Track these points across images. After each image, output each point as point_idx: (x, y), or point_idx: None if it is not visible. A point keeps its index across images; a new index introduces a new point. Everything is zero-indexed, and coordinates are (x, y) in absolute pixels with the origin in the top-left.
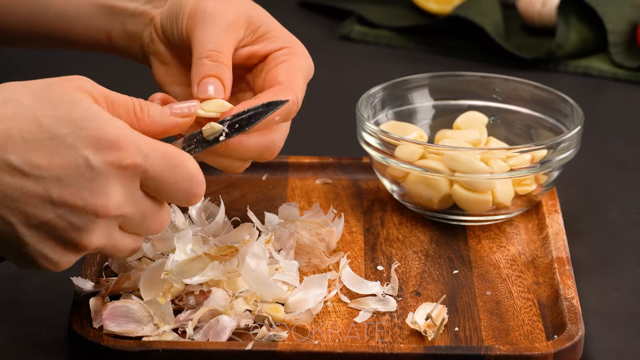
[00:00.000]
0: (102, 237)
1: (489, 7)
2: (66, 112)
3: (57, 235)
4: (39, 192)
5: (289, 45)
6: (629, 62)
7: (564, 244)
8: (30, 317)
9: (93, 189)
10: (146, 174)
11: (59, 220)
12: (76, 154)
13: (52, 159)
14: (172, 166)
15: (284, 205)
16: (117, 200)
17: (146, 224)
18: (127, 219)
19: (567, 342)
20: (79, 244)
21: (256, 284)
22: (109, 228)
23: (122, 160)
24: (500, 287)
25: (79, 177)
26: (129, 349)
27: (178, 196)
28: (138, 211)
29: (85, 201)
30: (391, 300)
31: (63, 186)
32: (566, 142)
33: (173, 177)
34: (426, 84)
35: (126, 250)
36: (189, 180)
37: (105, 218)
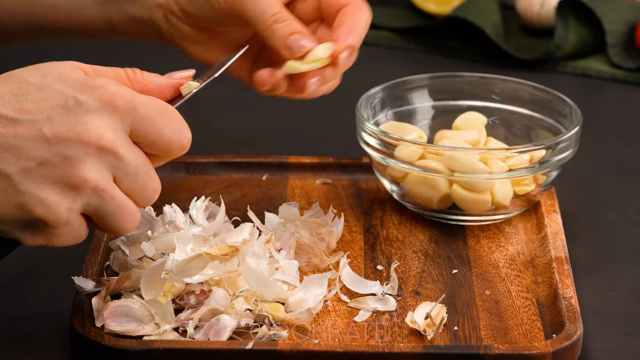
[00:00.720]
0: (98, 172)
1: (488, 8)
2: (53, 70)
3: (53, 175)
4: (32, 134)
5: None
6: (627, 62)
7: (562, 243)
8: (31, 316)
9: (83, 121)
10: (135, 111)
11: (54, 157)
12: (64, 95)
13: (40, 103)
14: (159, 106)
15: (284, 205)
16: (109, 133)
17: (141, 179)
18: (121, 164)
19: (566, 342)
20: (76, 179)
21: (256, 284)
22: (104, 167)
23: (110, 94)
24: (499, 287)
25: (69, 113)
26: (130, 348)
27: (171, 138)
28: (130, 156)
29: (77, 132)
30: (391, 300)
31: (55, 124)
32: (565, 142)
33: (161, 117)
34: (426, 84)
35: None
36: (177, 120)
37: (98, 150)
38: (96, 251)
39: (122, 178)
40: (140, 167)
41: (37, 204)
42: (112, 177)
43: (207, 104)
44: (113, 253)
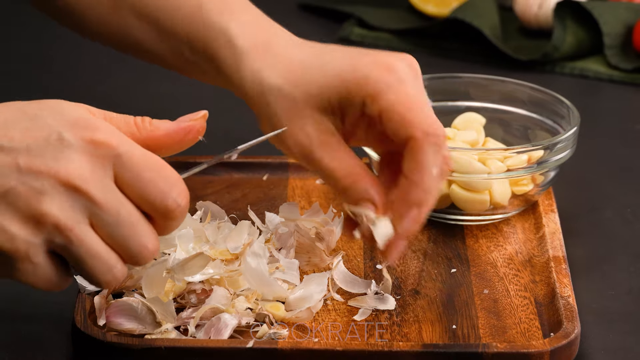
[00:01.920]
0: (63, 210)
1: (487, 9)
2: (53, 106)
3: (15, 205)
4: (7, 162)
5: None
6: (624, 64)
7: (560, 243)
8: (34, 315)
9: (60, 157)
10: (120, 161)
11: (21, 186)
12: (51, 129)
13: (26, 132)
14: (150, 162)
15: (285, 205)
16: (82, 171)
17: (122, 230)
18: (96, 210)
19: (564, 340)
20: (35, 210)
21: (257, 283)
22: (74, 207)
23: (95, 136)
24: (497, 286)
25: (48, 147)
26: (131, 347)
27: (155, 198)
28: (110, 203)
29: (49, 167)
30: (390, 299)
31: (31, 155)
32: (562, 142)
33: (151, 173)
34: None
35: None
36: (168, 181)
37: (68, 188)
38: None
39: (99, 224)
40: (123, 217)
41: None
42: (85, 220)
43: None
44: None
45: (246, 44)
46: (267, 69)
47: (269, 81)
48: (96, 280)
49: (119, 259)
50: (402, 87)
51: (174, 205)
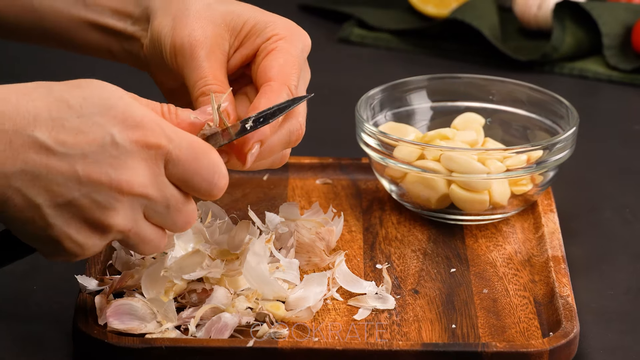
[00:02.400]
0: (126, 218)
1: (486, 10)
2: (95, 94)
3: (82, 215)
4: (64, 170)
5: (274, 32)
6: (623, 64)
7: (559, 242)
8: (35, 314)
9: (117, 165)
10: (170, 157)
11: (84, 199)
12: (102, 131)
13: (78, 136)
14: (195, 153)
15: (285, 205)
16: (141, 178)
17: (171, 216)
18: (151, 204)
19: (563, 339)
20: (103, 223)
21: (257, 282)
22: (134, 210)
23: (147, 139)
24: (496, 285)
25: (104, 154)
26: (132, 346)
27: (201, 186)
28: (162, 197)
29: (110, 177)
30: (390, 298)
31: (88, 163)
32: (561, 143)
33: (196, 165)
34: (424, 85)
35: (149, 243)
36: (212, 169)
37: (129, 196)
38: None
39: (151, 214)
40: (171, 205)
41: (65, 238)
42: (141, 215)
43: None
44: (116, 252)
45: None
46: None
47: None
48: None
49: (164, 233)
50: (292, 46)
51: (216, 191)
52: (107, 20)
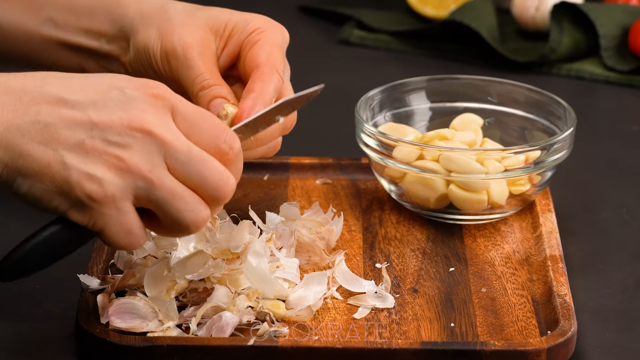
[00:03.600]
0: (142, 157)
1: (484, 12)
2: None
3: (99, 157)
4: (77, 116)
5: (255, 27)
6: (620, 65)
7: (557, 242)
8: (38, 313)
9: (126, 107)
10: (177, 110)
11: (99, 142)
12: (109, 85)
13: (85, 88)
14: (200, 111)
15: (285, 205)
16: (152, 117)
17: (196, 168)
18: (169, 151)
19: (560, 338)
20: (120, 160)
21: (258, 281)
22: (150, 152)
23: (153, 90)
24: (495, 284)
25: (113, 100)
26: (134, 345)
27: (209, 142)
28: (178, 143)
29: (120, 117)
30: (389, 297)
31: (98, 107)
32: (559, 143)
33: (203, 121)
34: (423, 86)
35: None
36: (219, 127)
37: (142, 134)
38: (101, 249)
39: (175, 165)
40: (194, 154)
41: (83, 178)
42: (162, 164)
43: None
44: (118, 251)
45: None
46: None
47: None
48: (184, 223)
49: (200, 200)
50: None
51: (226, 148)
52: (79, 39)
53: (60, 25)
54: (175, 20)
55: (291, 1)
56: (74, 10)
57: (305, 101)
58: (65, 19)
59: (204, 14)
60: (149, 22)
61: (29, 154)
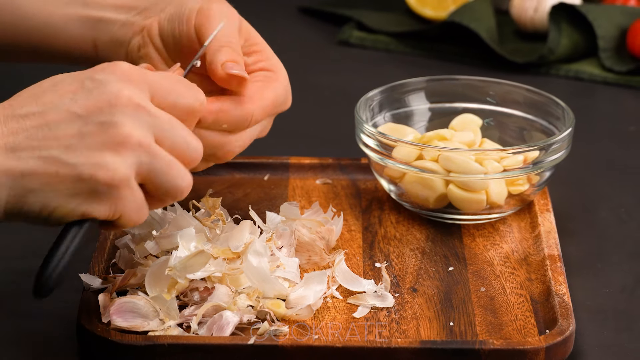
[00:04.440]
0: (136, 128)
1: (483, 13)
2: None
3: (97, 142)
4: (62, 116)
5: (273, 69)
6: (618, 66)
7: (555, 241)
8: (40, 312)
9: (106, 90)
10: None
11: (91, 127)
12: (79, 79)
13: (59, 93)
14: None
15: (285, 205)
16: (134, 93)
17: (179, 135)
18: (156, 122)
19: (559, 337)
20: (118, 137)
21: (258, 281)
22: (141, 122)
23: (123, 70)
24: (494, 284)
25: (90, 89)
26: (135, 343)
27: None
28: (160, 113)
29: (105, 100)
30: (388, 297)
31: (80, 101)
32: (558, 143)
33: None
34: (422, 87)
35: (175, 167)
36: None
37: (129, 107)
38: (102, 249)
39: (161, 136)
40: (174, 122)
41: (95, 169)
42: (152, 136)
43: None
44: (119, 251)
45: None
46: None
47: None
48: (177, 190)
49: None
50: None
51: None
52: (106, 14)
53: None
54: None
55: (291, 2)
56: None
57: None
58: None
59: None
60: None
61: (32, 171)
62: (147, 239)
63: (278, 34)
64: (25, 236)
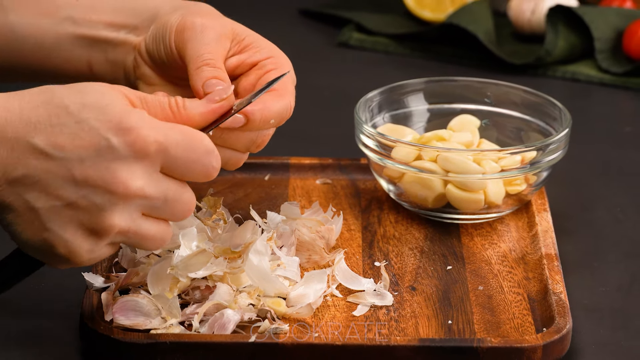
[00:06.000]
0: (123, 218)
1: (481, 15)
2: (94, 100)
3: (78, 218)
4: (62, 173)
5: (273, 55)
6: (614, 67)
7: (552, 241)
8: (43, 311)
9: (114, 169)
10: (167, 153)
11: (82, 200)
12: (98, 136)
13: (74, 141)
14: (191, 142)
15: (286, 204)
16: (138, 180)
17: (170, 207)
18: (149, 202)
19: (556, 335)
20: (101, 225)
21: (259, 279)
22: (131, 210)
23: (143, 140)
24: (491, 282)
25: (100, 157)
26: (137, 341)
27: (198, 171)
28: (159, 192)
29: (106, 180)
30: (388, 295)
31: (85, 166)
32: (555, 144)
33: (193, 154)
34: (421, 88)
35: (152, 239)
36: (208, 154)
37: (126, 197)
38: None
39: (150, 211)
40: (169, 197)
41: (60, 243)
42: (139, 214)
43: None
44: (121, 250)
45: None
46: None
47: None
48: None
49: (167, 225)
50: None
51: (213, 172)
52: (99, 32)
53: (79, 22)
54: (203, 11)
55: (291, 5)
56: (96, 9)
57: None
58: (85, 17)
59: (227, 20)
60: (177, 8)
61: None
62: None
63: (279, 37)
64: None
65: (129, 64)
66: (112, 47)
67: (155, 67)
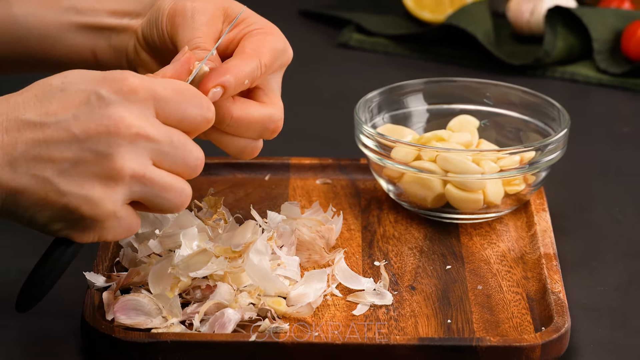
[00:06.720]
0: (133, 160)
1: (480, 16)
2: (75, 71)
3: (89, 171)
4: (61, 135)
5: (263, 27)
6: (613, 68)
7: (551, 240)
8: (45, 310)
9: (108, 114)
10: (157, 97)
11: (87, 154)
12: (86, 91)
13: (65, 103)
14: (178, 86)
15: (286, 204)
16: (135, 119)
17: (180, 154)
18: (155, 146)
19: (554, 334)
20: (111, 169)
21: (259, 279)
22: (138, 153)
23: (130, 85)
24: (490, 282)
25: (94, 108)
26: (138, 340)
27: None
28: (163, 135)
29: (104, 125)
30: (387, 294)
31: (81, 121)
32: (553, 144)
33: (183, 96)
34: (420, 89)
35: (171, 189)
36: (198, 96)
37: (129, 138)
38: (106, 248)
39: (160, 158)
40: (175, 142)
41: (82, 203)
42: (150, 161)
43: None
44: (123, 250)
45: None
46: None
47: None
48: (171, 209)
49: (183, 180)
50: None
51: (211, 114)
52: (102, 20)
53: (82, 11)
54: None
55: (292, 5)
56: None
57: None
58: (88, 5)
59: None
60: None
61: (24, 189)
62: (150, 238)
63: None
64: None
65: (131, 50)
66: (115, 33)
67: (151, 52)
